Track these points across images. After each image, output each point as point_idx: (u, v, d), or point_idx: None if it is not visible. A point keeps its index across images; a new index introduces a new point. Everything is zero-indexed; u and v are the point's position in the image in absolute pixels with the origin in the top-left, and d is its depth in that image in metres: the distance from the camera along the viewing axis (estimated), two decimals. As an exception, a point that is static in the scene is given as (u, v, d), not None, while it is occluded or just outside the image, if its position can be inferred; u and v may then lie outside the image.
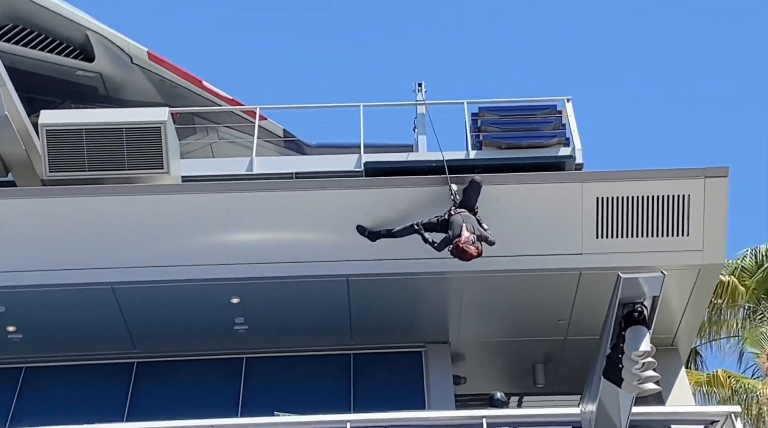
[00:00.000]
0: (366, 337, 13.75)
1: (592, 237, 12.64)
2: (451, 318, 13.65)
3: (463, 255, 11.73)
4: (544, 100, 13.93)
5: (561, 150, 13.48)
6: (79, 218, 12.64)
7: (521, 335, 13.98)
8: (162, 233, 12.70)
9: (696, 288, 13.15)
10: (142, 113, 13.25)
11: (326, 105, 14.89)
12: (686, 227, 12.59)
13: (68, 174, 12.87)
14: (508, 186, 12.57)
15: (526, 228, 12.61)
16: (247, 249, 12.77)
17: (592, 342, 13.27)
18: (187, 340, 13.67)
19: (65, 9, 14.32)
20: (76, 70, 14.42)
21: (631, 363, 12.31)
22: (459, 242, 11.66)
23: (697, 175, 12.58)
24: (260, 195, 12.74)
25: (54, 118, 13.00)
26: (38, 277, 12.74)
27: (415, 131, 14.23)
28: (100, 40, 14.41)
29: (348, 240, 12.58)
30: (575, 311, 13.43)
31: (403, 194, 12.57)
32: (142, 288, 12.92)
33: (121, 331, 13.51)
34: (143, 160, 12.91)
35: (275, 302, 13.25)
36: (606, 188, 12.58)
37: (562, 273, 12.90)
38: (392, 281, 12.98)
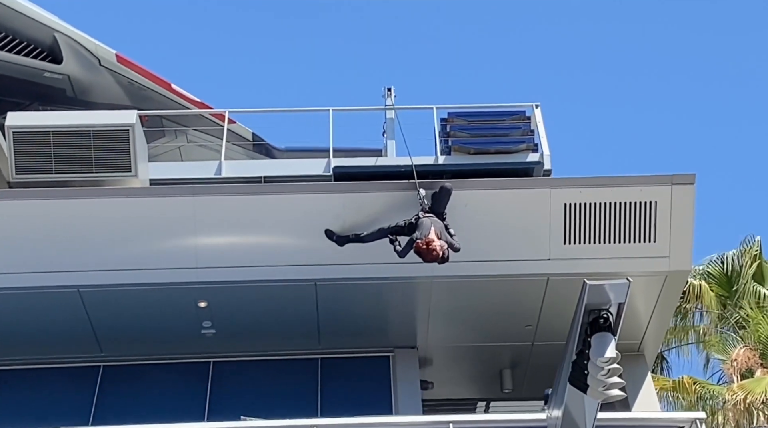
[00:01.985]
0: (334, 341, 13.75)
1: (560, 243, 12.71)
2: (419, 323, 13.67)
3: (427, 255, 11.74)
4: (512, 106, 13.99)
5: (529, 156, 13.52)
6: (45, 220, 12.56)
7: (489, 340, 14.03)
8: (129, 236, 12.65)
9: (662, 295, 13.24)
10: (110, 115, 13.18)
11: (295, 109, 14.90)
12: (653, 234, 12.68)
13: (35, 176, 12.78)
14: (477, 191, 12.60)
15: (494, 234, 12.66)
16: (215, 253, 12.74)
17: (560, 348, 13.27)
18: (154, 344, 13.61)
19: (33, 11, 14.23)
20: (43, 72, 14.32)
21: (597, 370, 12.36)
22: (424, 241, 11.67)
23: (664, 182, 12.67)
24: (228, 199, 12.71)
25: (21, 120, 12.91)
26: (3, 280, 12.63)
27: (385, 135, 14.24)
28: (68, 42, 14.33)
29: (316, 244, 12.57)
30: (542, 316, 13.49)
31: (372, 198, 12.58)
32: (108, 292, 12.86)
33: (88, 334, 13.43)
34: (111, 163, 12.84)
35: (243, 306, 13.21)
36: (574, 194, 12.64)
37: (530, 279, 12.95)
38: (360, 285, 12.99)
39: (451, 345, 14.10)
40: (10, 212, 12.53)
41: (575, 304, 12.72)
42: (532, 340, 13.95)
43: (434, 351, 14.13)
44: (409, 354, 13.90)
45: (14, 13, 14.01)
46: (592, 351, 12.43)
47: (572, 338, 12.78)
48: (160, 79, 15.03)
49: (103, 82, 14.64)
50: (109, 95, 14.69)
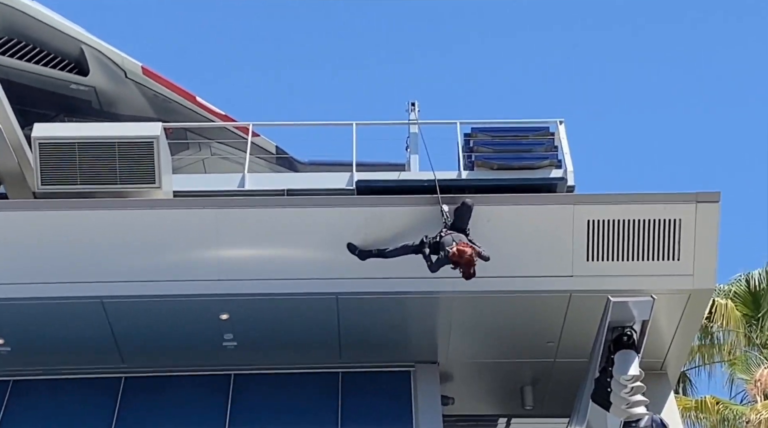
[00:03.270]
0: (355, 355, 13.73)
1: (583, 260, 12.65)
2: (440, 338, 13.63)
3: (462, 259, 11.62)
4: (536, 122, 13.98)
5: (553, 172, 13.51)
6: (70, 231, 12.63)
7: (510, 356, 13.97)
8: (152, 247, 12.69)
9: (686, 313, 13.15)
10: (135, 127, 13.25)
11: (319, 123, 14.93)
12: (677, 252, 12.61)
13: (60, 187, 12.86)
14: (500, 207, 12.58)
15: (516, 249, 12.61)
16: (238, 265, 12.76)
17: (581, 365, 13.27)
18: (176, 355, 13.63)
19: (60, 23, 14.34)
20: (70, 84, 14.43)
21: (620, 387, 12.32)
22: (453, 252, 11.64)
23: (688, 199, 12.60)
24: (251, 211, 12.74)
25: (47, 131, 13.00)
26: (28, 290, 12.71)
27: (408, 150, 14.26)
28: (95, 54, 14.43)
29: (338, 258, 12.57)
30: (564, 333, 13.42)
31: (395, 212, 12.58)
32: (131, 303, 12.90)
33: (110, 345, 13.47)
34: (135, 174, 12.90)
35: (264, 319, 13.22)
36: (597, 210, 12.59)
37: (552, 295, 12.90)
38: (382, 300, 12.97)
39: (472, 360, 14.05)
40: (35, 222, 12.61)
41: (598, 321, 12.69)
42: (554, 357, 13.89)
43: (455, 367, 14.08)
44: (430, 369, 13.85)
45: (41, 25, 14.13)
46: (616, 369, 12.40)
47: (595, 355, 12.75)
48: (185, 92, 15.11)
49: (129, 94, 14.73)
50: (134, 107, 14.78)
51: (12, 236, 12.59)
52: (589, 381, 12.90)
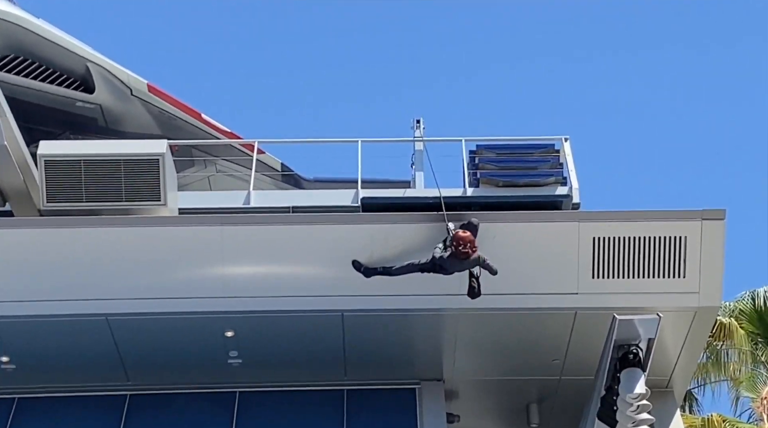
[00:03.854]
0: (360, 373, 13.70)
1: (588, 277, 12.64)
2: (445, 356, 13.60)
3: (464, 244, 11.66)
4: (542, 139, 13.98)
5: (558, 189, 13.50)
6: (75, 248, 12.64)
7: (516, 374, 13.93)
8: (158, 265, 12.69)
9: (692, 331, 13.12)
10: (140, 145, 13.28)
11: (324, 140, 14.94)
12: (683, 269, 12.59)
13: (66, 205, 12.87)
14: (505, 224, 12.57)
15: (522, 267, 12.60)
16: (243, 283, 12.76)
17: (587, 383, 13.23)
18: (181, 373, 13.61)
19: (66, 40, 14.38)
20: (75, 102, 14.46)
21: (626, 405, 12.29)
22: (455, 239, 11.64)
23: (694, 217, 12.59)
24: (257, 229, 12.74)
25: (53, 149, 13.02)
26: (33, 307, 12.71)
27: (413, 167, 14.26)
28: (101, 71, 14.47)
29: (344, 275, 12.57)
30: (570, 351, 13.39)
31: (400, 230, 12.58)
32: (136, 320, 12.89)
33: (115, 363, 13.46)
34: (141, 192, 12.91)
35: (269, 336, 13.21)
36: (603, 228, 12.59)
37: (558, 313, 12.87)
38: (387, 317, 12.96)
39: (477, 378, 14.02)
40: (40, 240, 12.62)
41: (604, 339, 12.66)
42: (559, 374, 13.85)
43: (461, 384, 14.05)
44: (436, 387, 13.83)
45: (47, 42, 14.17)
46: (622, 387, 12.37)
47: (601, 373, 12.72)
48: (190, 109, 15.14)
49: (135, 111, 14.77)
50: (139, 125, 14.81)
51: (18, 254, 12.60)
52: (595, 399, 12.86)
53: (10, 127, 13.13)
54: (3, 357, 13.34)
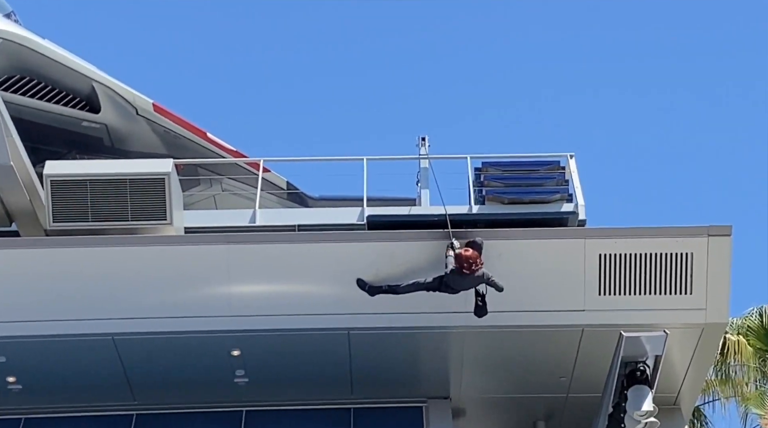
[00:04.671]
0: (366, 391, 13.68)
1: (595, 294, 12.62)
2: (452, 373, 13.58)
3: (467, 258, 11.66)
4: (547, 156, 13.98)
5: (564, 206, 13.49)
6: (81, 268, 12.65)
7: (522, 391, 13.90)
8: (164, 284, 12.70)
9: (699, 347, 13.09)
10: (146, 164, 13.30)
11: (330, 158, 14.96)
12: (689, 286, 12.56)
13: (72, 225, 12.89)
14: (511, 241, 12.56)
15: (528, 284, 12.59)
16: (249, 301, 12.75)
17: (595, 400, 13.19)
18: (187, 392, 13.60)
19: (72, 60, 14.43)
20: (81, 121, 14.50)
21: (633, 423, 12.25)
22: (459, 256, 11.65)
23: (700, 233, 12.58)
24: (262, 247, 12.75)
25: (58, 168, 13.05)
26: (39, 327, 12.71)
27: (418, 184, 14.27)
28: (106, 91, 14.52)
29: (350, 293, 12.56)
30: (577, 368, 13.35)
31: (406, 247, 12.58)
32: (142, 339, 12.89)
33: (121, 382, 13.45)
34: (147, 211, 12.93)
35: (276, 354, 13.19)
36: (609, 244, 12.57)
37: (564, 330, 12.85)
38: (393, 335, 12.94)
39: (484, 395, 13.98)
40: (46, 260, 12.63)
41: (610, 356, 12.62)
42: (566, 392, 13.81)
43: (467, 402, 14.02)
44: (442, 405, 13.79)
45: (53, 63, 14.22)
46: (629, 404, 12.34)
47: (608, 390, 12.68)
48: (195, 128, 15.17)
49: (140, 131, 14.80)
50: (145, 144, 14.84)
51: (24, 274, 12.61)
52: (603, 416, 12.82)
53: (16, 147, 13.17)
54: (9, 377, 13.34)
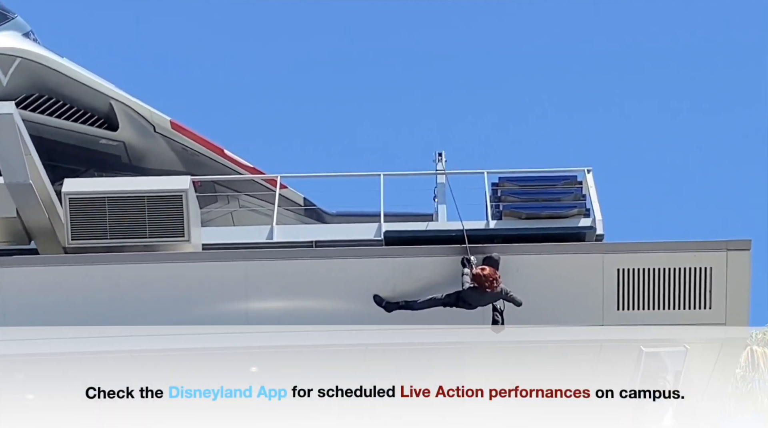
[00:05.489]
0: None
1: (613, 309, 12.57)
2: (470, 389, 13.52)
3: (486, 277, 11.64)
4: (564, 171, 13.95)
5: (581, 221, 13.45)
6: (100, 285, 12.69)
7: (541, 407, 13.82)
8: (182, 300, 12.72)
9: (719, 362, 13.01)
10: (164, 181, 13.35)
11: (346, 174, 14.96)
12: (708, 301, 12.51)
13: (90, 242, 12.94)
14: (528, 256, 12.54)
15: (546, 299, 12.55)
16: (267, 318, 12.75)
17: (614, 416, 13.12)
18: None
19: (90, 78, 14.52)
20: (99, 139, 14.57)
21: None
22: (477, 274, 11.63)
23: (719, 248, 12.52)
24: (280, 263, 12.76)
25: (77, 186, 13.11)
26: (58, 345, 12.73)
27: (435, 200, 14.26)
28: (124, 109, 14.59)
29: (367, 309, 12.55)
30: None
31: (423, 263, 12.57)
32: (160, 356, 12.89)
33: (140, 399, 13.44)
34: (165, 228, 12.98)
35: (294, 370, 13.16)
36: (627, 259, 12.53)
37: (583, 345, 12.79)
38: (411, 350, 12.90)
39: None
40: (65, 277, 12.67)
41: (629, 371, 12.55)
42: (585, 408, 13.73)
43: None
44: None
45: (71, 81, 14.30)
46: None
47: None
48: (213, 145, 15.22)
49: (158, 148, 14.86)
50: (163, 161, 14.89)
51: (43, 291, 12.65)
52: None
53: (35, 165, 13.24)
54: (29, 395, 13.36)
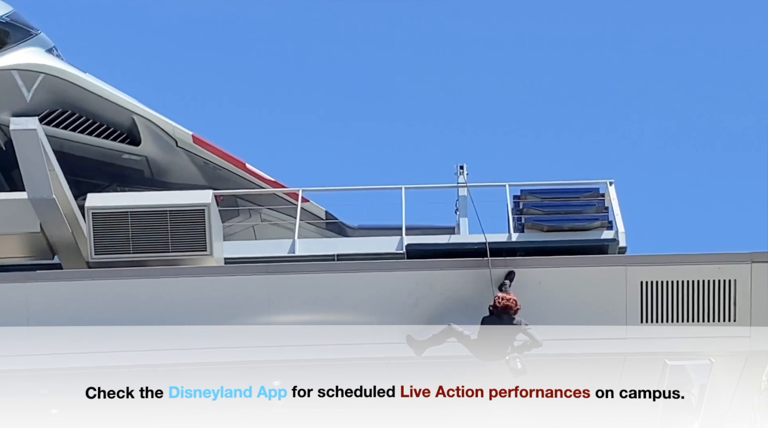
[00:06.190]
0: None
1: (637, 322, 12.52)
2: (493, 402, 13.47)
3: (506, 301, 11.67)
4: (586, 184, 13.91)
5: (604, 233, 13.40)
6: (123, 299, 12.73)
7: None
8: (204, 314, 12.74)
9: (744, 374, 12.93)
10: (186, 195, 13.39)
11: (368, 187, 14.97)
12: (733, 313, 12.44)
13: (113, 256, 13.00)
14: (551, 269, 12.51)
15: (568, 312, 12.52)
16: (289, 331, 12.75)
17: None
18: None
19: (112, 94, 14.59)
20: (122, 154, 14.64)
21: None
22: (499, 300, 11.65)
23: (743, 260, 12.46)
24: (302, 277, 12.78)
25: (100, 201, 13.18)
26: (82, 359, 12.77)
27: (457, 213, 14.25)
28: (146, 124, 14.65)
29: (390, 322, 12.54)
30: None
31: (445, 276, 12.57)
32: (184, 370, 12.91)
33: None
34: (187, 242, 13.02)
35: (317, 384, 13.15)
36: (650, 272, 12.48)
37: (606, 358, 12.73)
38: (435, 363, 12.88)
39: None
40: (88, 291, 12.73)
41: (654, 384, 12.48)
42: (609, 421, 13.66)
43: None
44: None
45: (94, 96, 14.38)
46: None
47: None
48: (234, 159, 15.26)
49: (180, 162, 14.91)
50: (185, 176, 14.94)
51: (67, 306, 12.70)
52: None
53: (58, 180, 13.31)
54: (53, 410, 13.41)
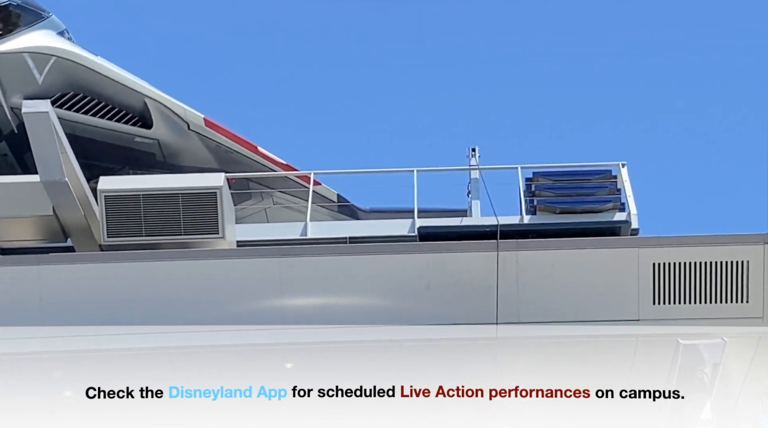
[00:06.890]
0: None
1: (649, 304, 12.50)
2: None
3: None
4: (598, 165, 13.89)
5: (616, 215, 13.39)
6: (136, 282, 12.77)
7: (577, 402, 13.76)
8: (216, 297, 12.77)
9: (756, 356, 12.91)
10: (198, 178, 13.41)
11: (380, 170, 14.97)
12: (746, 294, 12.41)
13: (126, 239, 13.03)
14: (563, 251, 12.49)
15: (581, 294, 12.50)
16: (301, 314, 12.78)
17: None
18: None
19: (124, 77, 14.60)
20: (134, 137, 14.66)
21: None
22: None
23: (756, 241, 12.42)
24: (314, 260, 12.79)
25: (112, 184, 13.21)
26: (95, 342, 12.82)
27: (469, 195, 14.24)
28: (158, 107, 14.66)
29: (402, 305, 12.55)
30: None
31: (457, 259, 12.55)
32: (197, 353, 12.94)
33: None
34: (199, 225, 13.04)
35: (329, 368, 13.18)
36: (662, 253, 12.46)
37: (619, 340, 12.73)
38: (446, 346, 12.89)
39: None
40: (101, 274, 12.77)
41: (666, 366, 12.49)
42: (622, 403, 13.66)
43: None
44: (496, 416, 13.70)
45: (106, 79, 14.40)
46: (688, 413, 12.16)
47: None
48: (246, 142, 15.28)
49: (192, 146, 14.92)
50: (197, 159, 14.96)
51: (79, 289, 12.74)
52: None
53: (70, 163, 13.34)
54: (67, 392, 13.46)
